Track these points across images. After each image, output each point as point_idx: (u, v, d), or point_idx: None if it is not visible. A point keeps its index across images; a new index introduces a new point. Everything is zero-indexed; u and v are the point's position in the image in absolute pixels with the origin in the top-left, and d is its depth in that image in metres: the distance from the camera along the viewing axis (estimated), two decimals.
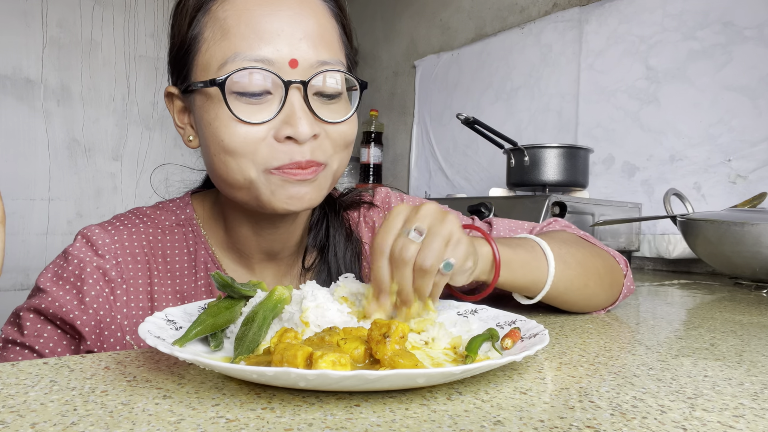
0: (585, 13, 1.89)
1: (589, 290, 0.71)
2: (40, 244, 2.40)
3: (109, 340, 0.64)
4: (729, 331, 0.67)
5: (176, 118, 0.69)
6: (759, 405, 0.39)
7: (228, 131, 0.60)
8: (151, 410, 0.34)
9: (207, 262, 0.72)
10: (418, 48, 2.63)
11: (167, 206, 0.75)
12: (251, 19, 0.60)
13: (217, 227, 0.74)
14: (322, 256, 0.77)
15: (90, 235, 0.67)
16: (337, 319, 0.48)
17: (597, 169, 1.81)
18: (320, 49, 0.62)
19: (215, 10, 0.62)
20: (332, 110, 0.64)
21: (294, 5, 0.62)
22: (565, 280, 0.67)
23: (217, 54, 0.61)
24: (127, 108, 2.62)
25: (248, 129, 0.60)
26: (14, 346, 0.62)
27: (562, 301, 0.71)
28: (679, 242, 1.55)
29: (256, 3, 0.61)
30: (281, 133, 0.60)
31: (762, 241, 1.05)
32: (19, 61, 2.35)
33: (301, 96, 0.61)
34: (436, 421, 0.34)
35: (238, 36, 0.60)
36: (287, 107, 0.60)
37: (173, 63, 0.67)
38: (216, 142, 0.61)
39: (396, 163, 2.77)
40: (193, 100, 0.65)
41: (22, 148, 2.36)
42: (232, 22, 0.61)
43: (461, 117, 1.53)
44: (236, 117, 0.59)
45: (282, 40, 0.60)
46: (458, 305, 0.61)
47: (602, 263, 0.73)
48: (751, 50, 1.48)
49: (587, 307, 0.74)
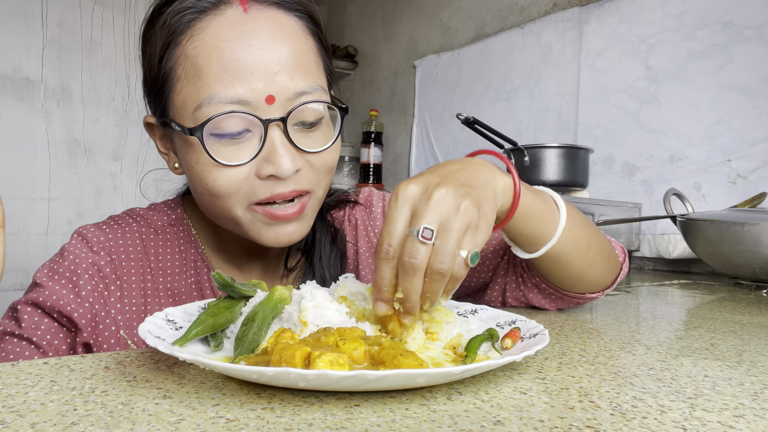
0: (585, 13, 1.89)
1: (591, 256, 0.67)
2: (40, 244, 2.40)
3: (104, 334, 0.65)
4: (729, 331, 0.67)
5: (159, 145, 0.70)
6: (759, 405, 0.39)
7: (210, 176, 0.60)
8: (151, 410, 0.34)
9: (197, 261, 0.73)
10: (418, 48, 2.63)
11: (160, 207, 0.76)
12: (222, 57, 0.58)
13: (207, 228, 0.75)
14: (307, 257, 0.78)
15: (85, 233, 0.69)
16: (335, 319, 0.48)
17: (597, 169, 1.81)
18: (297, 79, 0.60)
19: (185, 45, 0.60)
20: (314, 138, 0.63)
21: (265, 35, 0.59)
22: (571, 238, 0.63)
23: (191, 94, 0.60)
24: (127, 108, 2.62)
25: (230, 172, 0.60)
26: (12, 338, 0.62)
27: (563, 264, 0.66)
28: (679, 242, 1.55)
29: (226, 38, 0.59)
30: (263, 171, 0.60)
31: (762, 241, 1.05)
32: (19, 61, 2.35)
33: (281, 131, 0.60)
34: (436, 421, 0.34)
35: (211, 76, 0.58)
36: (267, 145, 0.59)
37: (149, 94, 0.67)
38: (201, 185, 0.62)
39: (396, 163, 2.77)
40: (173, 135, 0.65)
41: (22, 148, 2.36)
42: (203, 61, 0.59)
43: (461, 117, 1.53)
44: (217, 162, 0.59)
45: (256, 76, 0.58)
46: (458, 305, 0.61)
47: (602, 237, 0.71)
48: (751, 50, 1.48)
49: (585, 277, 0.69)
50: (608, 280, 0.73)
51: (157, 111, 0.66)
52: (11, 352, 0.61)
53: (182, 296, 0.71)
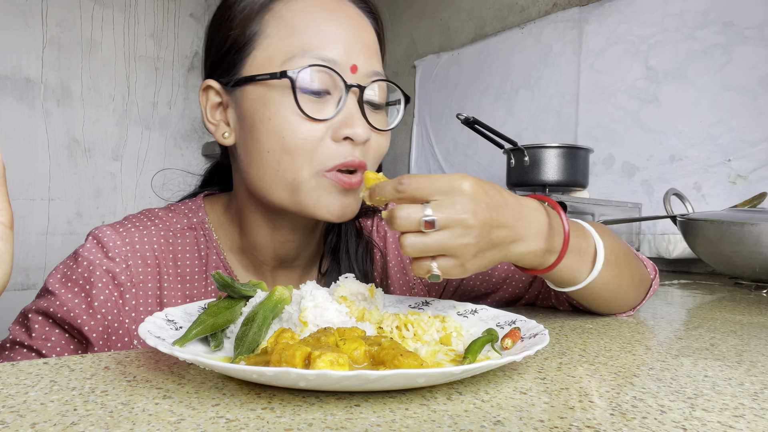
0: (585, 13, 1.89)
1: (621, 290, 0.67)
2: (40, 244, 2.41)
3: (117, 345, 0.63)
4: (729, 331, 0.67)
5: (208, 114, 0.69)
6: (759, 405, 0.39)
7: (290, 128, 0.61)
8: (151, 410, 0.34)
9: (218, 267, 0.71)
10: (418, 48, 2.63)
11: (179, 209, 0.74)
12: (318, 21, 0.63)
13: (231, 232, 0.73)
14: (334, 258, 0.77)
15: (101, 236, 0.66)
16: (335, 319, 0.48)
17: (597, 169, 1.81)
18: (374, 61, 0.66)
19: (279, 9, 0.64)
20: (378, 120, 0.66)
21: (354, 17, 0.65)
22: (600, 280, 0.62)
23: (282, 49, 0.62)
24: (127, 108, 2.62)
25: (311, 126, 0.61)
26: (21, 348, 0.61)
27: (591, 299, 0.66)
28: (679, 242, 1.55)
29: (321, 7, 0.64)
30: (340, 133, 0.61)
31: (762, 241, 1.05)
32: (19, 61, 2.35)
33: (356, 100, 0.63)
34: (436, 421, 0.34)
35: (306, 34, 0.62)
36: (346, 109, 0.62)
37: (217, 59, 0.67)
38: (275, 139, 0.62)
39: (396, 163, 2.77)
40: (242, 95, 0.64)
41: (22, 148, 2.36)
42: (298, 21, 0.63)
43: (461, 117, 1.53)
44: (303, 112, 0.60)
45: (345, 46, 0.63)
46: (458, 305, 0.61)
47: (635, 262, 0.69)
48: (751, 50, 1.48)
49: (613, 304, 0.69)
50: (637, 301, 0.72)
51: (226, 74, 0.66)
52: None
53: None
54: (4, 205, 0.48)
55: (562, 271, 0.59)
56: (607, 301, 0.67)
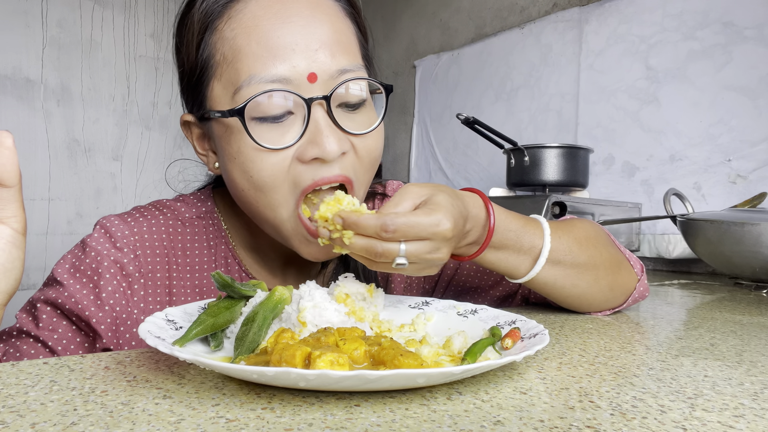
0: (585, 13, 1.89)
1: (578, 290, 0.67)
2: (40, 244, 2.40)
3: (125, 336, 0.63)
4: (729, 331, 0.67)
5: (197, 146, 0.67)
6: (759, 405, 0.39)
7: (254, 166, 0.57)
8: (151, 410, 0.34)
9: (227, 258, 0.70)
10: (418, 48, 2.63)
11: (188, 198, 0.73)
12: (262, 36, 0.57)
13: (240, 225, 0.72)
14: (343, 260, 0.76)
15: (109, 226, 0.65)
16: (334, 319, 0.48)
17: (597, 169, 1.81)
18: (338, 57, 0.58)
19: (222, 29, 0.59)
20: (358, 121, 0.61)
21: (305, 13, 0.58)
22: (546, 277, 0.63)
23: (231, 77, 0.58)
24: (127, 108, 2.62)
25: (275, 158, 0.57)
26: (27, 338, 0.61)
27: (547, 295, 0.67)
28: (679, 242, 1.55)
29: (264, 17, 0.57)
30: (307, 154, 0.57)
31: (762, 241, 1.05)
32: (19, 61, 2.35)
33: (324, 111, 0.57)
34: (436, 421, 0.34)
35: (251, 56, 0.56)
36: (311, 125, 0.57)
37: (186, 90, 0.65)
38: (245, 178, 0.59)
39: (396, 162, 2.77)
40: (212, 129, 0.62)
41: (22, 148, 2.36)
42: (242, 41, 0.57)
43: (461, 117, 1.53)
44: (261, 146, 0.56)
45: (297, 54, 0.56)
46: (458, 305, 0.61)
47: (608, 267, 0.68)
48: (751, 50, 1.48)
49: (576, 307, 0.70)
50: (613, 304, 0.72)
51: (194, 106, 0.64)
52: (26, 354, 0.60)
53: (210, 294, 0.68)
54: (18, 212, 0.47)
55: (495, 264, 0.61)
56: (567, 298, 0.68)
